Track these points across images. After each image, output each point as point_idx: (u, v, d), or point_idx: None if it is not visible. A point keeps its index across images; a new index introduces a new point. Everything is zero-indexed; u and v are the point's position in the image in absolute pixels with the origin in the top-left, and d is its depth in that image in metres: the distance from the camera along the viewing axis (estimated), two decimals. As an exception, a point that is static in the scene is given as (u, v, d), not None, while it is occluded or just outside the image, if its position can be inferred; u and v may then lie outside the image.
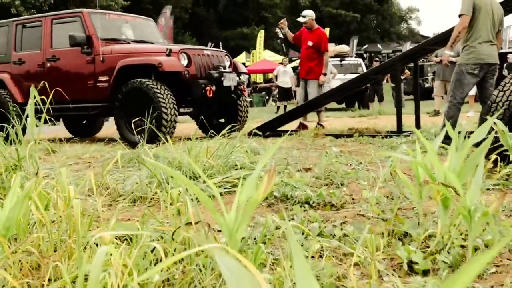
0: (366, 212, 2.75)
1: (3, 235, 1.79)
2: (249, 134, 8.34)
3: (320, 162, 4.17)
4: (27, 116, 9.00)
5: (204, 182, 3.53)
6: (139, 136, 7.32)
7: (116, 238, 2.28)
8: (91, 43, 8.25)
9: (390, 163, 3.17)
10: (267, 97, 27.95)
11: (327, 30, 34.43)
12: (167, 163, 3.81)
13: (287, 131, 7.68)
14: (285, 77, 19.54)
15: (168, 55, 7.72)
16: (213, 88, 7.82)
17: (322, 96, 7.67)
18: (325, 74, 8.71)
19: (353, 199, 3.11)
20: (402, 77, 18.03)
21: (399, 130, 6.77)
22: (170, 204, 2.25)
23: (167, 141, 4.02)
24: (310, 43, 8.82)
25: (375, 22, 63.86)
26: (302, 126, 8.58)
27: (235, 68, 8.96)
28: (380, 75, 7.96)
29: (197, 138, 6.22)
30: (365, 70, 19.13)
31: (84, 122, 10.84)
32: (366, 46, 48.26)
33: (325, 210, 2.88)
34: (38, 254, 1.88)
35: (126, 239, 2.36)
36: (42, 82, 8.84)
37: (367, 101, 18.14)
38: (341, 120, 12.13)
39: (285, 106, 19.76)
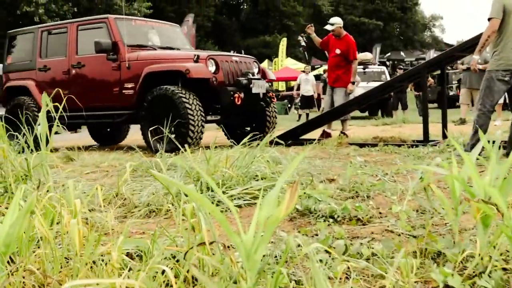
0: (395, 227, 2.56)
1: (3, 253, 1.65)
2: (271, 142, 8.22)
3: (345, 173, 3.98)
4: (52, 124, 9.07)
5: (223, 193, 3.38)
6: (165, 144, 7.26)
7: (127, 255, 2.13)
8: (117, 50, 8.11)
9: (420, 174, 2.97)
10: (289, 105, 27.78)
11: (349, 38, 34.15)
12: (185, 173, 3.66)
13: (309, 139, 7.51)
14: (307, 85, 19.36)
15: (196, 61, 7.53)
16: (242, 95, 7.58)
17: (346, 104, 7.47)
18: (353, 83, 8.49)
19: (380, 213, 2.92)
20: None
21: (426, 139, 6.55)
22: (183, 219, 2.09)
23: (185, 150, 3.86)
24: (338, 51, 8.60)
25: (398, 30, 63.38)
26: (326, 134, 8.38)
27: (263, 75, 8.77)
28: (405, 83, 7.70)
29: (218, 147, 6.09)
30: (388, 78, 18.87)
31: (108, 129, 10.76)
32: (389, 54, 47.89)
33: (350, 225, 2.70)
34: (40, 273, 1.74)
35: (138, 255, 2.21)
36: (66, 89, 8.98)
37: (391, 109, 17.85)
38: (365, 129, 11.91)
39: (307, 114, 19.57)
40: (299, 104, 20.80)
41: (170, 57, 7.94)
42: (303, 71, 20.24)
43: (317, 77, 25.92)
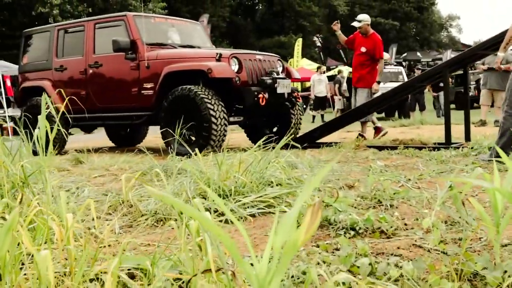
0: (423, 242, 2.32)
1: (-18, 275, 1.44)
2: (287, 145, 7.95)
3: (365, 179, 3.75)
4: (69, 126, 8.88)
5: (235, 201, 3.16)
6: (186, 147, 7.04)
7: (128, 271, 1.92)
8: (135, 48, 7.82)
9: (450, 183, 2.74)
10: (304, 106, 27.49)
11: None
12: (195, 179, 3.44)
13: (326, 143, 7.27)
14: (320, 86, 19.09)
15: (218, 60, 7.18)
16: (266, 95, 7.23)
17: (366, 105, 7.20)
18: (378, 82, 8.15)
19: (405, 224, 2.68)
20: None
21: (448, 142, 6.27)
22: (188, 236, 1.87)
23: (208, 152, 3.65)
24: (363, 49, 8.28)
25: (414, 30, 62.87)
26: (377, 131, 8.16)
27: (288, 74, 8.45)
28: (426, 83, 7.40)
29: (236, 149, 5.88)
30: (405, 79, 18.55)
31: (127, 130, 10.56)
32: (405, 54, 47.47)
33: (373, 238, 2.47)
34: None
35: (141, 269, 2.00)
36: (83, 89, 8.82)
37: (408, 110, 17.55)
38: (382, 130, 11.63)
39: (322, 115, 19.31)
40: (313, 105, 20.54)
41: (191, 56, 7.61)
42: (317, 71, 19.89)
43: (332, 78, 25.66)
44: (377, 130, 8.36)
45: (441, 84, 17.52)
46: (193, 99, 6.96)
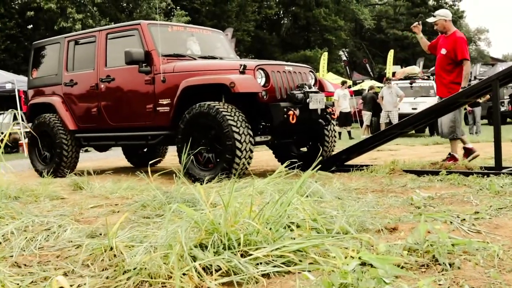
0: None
1: None
2: (312, 169, 7.16)
3: (407, 217, 3.00)
4: (80, 146, 8.23)
5: (244, 254, 2.44)
6: (207, 171, 6.32)
7: None
8: (150, 60, 7.05)
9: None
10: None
11: (391, 52, 33.06)
12: (194, 223, 2.72)
13: (357, 165, 6.52)
14: (345, 101, 18.21)
15: (242, 72, 6.33)
16: (297, 112, 6.34)
17: (399, 125, 6.37)
18: (464, 88, 6.56)
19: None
20: (481, 101, 16.48)
21: (498, 166, 5.44)
22: None
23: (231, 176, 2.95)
24: (443, 51, 6.99)
25: (442, 43, 61.74)
26: (467, 152, 6.97)
27: (321, 87, 7.54)
28: (474, 98, 6.40)
29: (251, 172, 5.15)
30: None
31: (145, 149, 9.75)
32: (433, 68, 46.43)
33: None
34: None
35: None
36: (95, 106, 7.93)
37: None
38: (414, 149, 10.81)
39: (349, 132, 18.49)
40: (338, 121, 19.72)
41: (212, 68, 6.79)
42: (342, 86, 19.02)
43: (359, 93, 24.90)
44: (467, 151, 7.04)
45: (480, 100, 16.67)
46: (213, 117, 6.16)
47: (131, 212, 4.08)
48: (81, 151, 8.86)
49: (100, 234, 3.25)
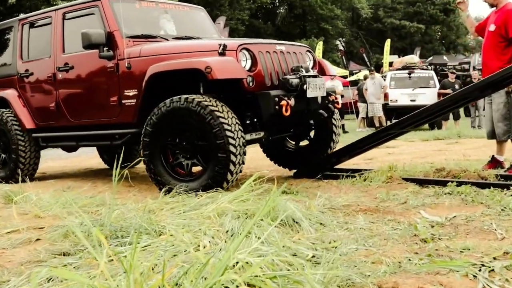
0: None
1: None
2: (296, 175, 6.12)
3: (414, 270, 2.06)
4: (39, 148, 6.85)
5: None
6: (188, 181, 5.10)
7: None
8: (112, 43, 5.89)
9: None
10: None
11: (388, 42, 32.10)
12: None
13: (348, 169, 5.57)
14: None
15: (222, 54, 5.13)
16: (291, 101, 5.15)
17: (401, 122, 5.34)
18: None
19: None
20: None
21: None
22: None
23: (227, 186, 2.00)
24: (492, 27, 5.67)
25: (440, 33, 60.70)
26: (494, 162, 5.75)
27: (321, 70, 6.33)
28: (489, 91, 5.21)
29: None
30: (437, 84, 16.66)
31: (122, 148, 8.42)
32: (431, 58, 45.53)
33: None
34: None
35: None
36: (52, 100, 6.59)
37: (441, 119, 15.60)
38: (414, 146, 9.86)
39: (342, 125, 17.50)
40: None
41: (185, 50, 5.55)
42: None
43: (356, 83, 23.98)
44: (495, 161, 5.82)
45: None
46: (197, 113, 4.96)
47: (50, 241, 3.18)
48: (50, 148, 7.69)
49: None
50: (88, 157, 9.93)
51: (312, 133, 6.49)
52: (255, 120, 5.56)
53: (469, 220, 3.27)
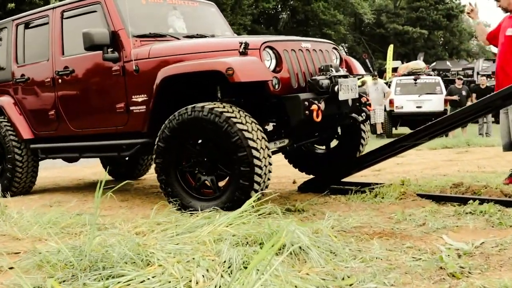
0: None
1: None
2: (302, 189, 5.67)
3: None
4: (37, 159, 6.34)
5: None
6: (206, 200, 4.53)
7: None
8: (118, 44, 5.32)
9: None
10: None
11: (391, 47, 31.73)
12: None
13: (358, 183, 5.18)
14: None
15: (243, 53, 4.49)
16: (322, 106, 4.52)
17: (413, 134, 4.93)
18: None
19: None
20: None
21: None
22: None
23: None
24: (510, 31, 5.20)
25: (442, 38, 60.42)
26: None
27: (348, 69, 5.59)
28: None
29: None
30: (443, 90, 16.25)
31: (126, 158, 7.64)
32: (434, 63, 45.24)
33: None
34: None
35: None
36: (52, 108, 6.08)
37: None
38: (423, 155, 9.46)
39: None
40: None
41: (201, 50, 4.94)
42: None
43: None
44: None
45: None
46: (216, 124, 4.33)
47: (23, 270, 2.80)
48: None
49: None
50: (84, 166, 9.53)
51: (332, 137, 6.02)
52: (279, 127, 5.06)
53: (501, 248, 2.88)
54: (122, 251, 2.66)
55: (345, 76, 4.95)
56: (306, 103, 4.48)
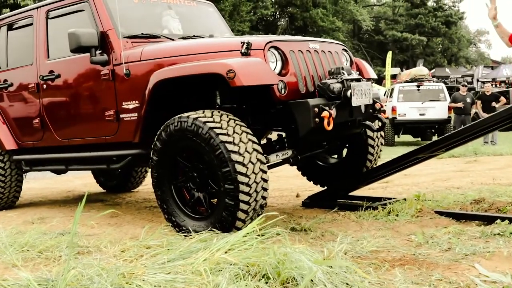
0: None
1: None
2: (306, 204, 5.21)
3: None
4: (21, 172, 5.60)
5: None
6: (197, 219, 4.10)
7: None
8: (107, 45, 4.89)
9: None
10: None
11: (389, 54, 31.42)
12: None
13: (368, 197, 4.77)
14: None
15: (245, 54, 4.06)
16: (333, 112, 4.07)
17: (428, 146, 4.53)
18: None
19: None
20: (497, 105, 14.72)
21: None
22: None
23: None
24: None
25: (441, 45, 60.27)
26: None
27: (359, 72, 5.12)
28: None
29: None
30: (447, 97, 15.86)
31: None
32: (433, 70, 45.05)
33: None
34: None
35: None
36: (37, 116, 5.55)
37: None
38: (430, 165, 9.02)
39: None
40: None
41: (198, 51, 4.48)
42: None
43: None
44: None
45: (496, 105, 14.88)
46: (199, 136, 3.90)
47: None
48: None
49: None
50: (75, 177, 9.10)
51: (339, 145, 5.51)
52: (286, 136, 4.62)
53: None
54: (103, 286, 2.25)
55: (358, 80, 4.49)
56: (316, 109, 4.04)
